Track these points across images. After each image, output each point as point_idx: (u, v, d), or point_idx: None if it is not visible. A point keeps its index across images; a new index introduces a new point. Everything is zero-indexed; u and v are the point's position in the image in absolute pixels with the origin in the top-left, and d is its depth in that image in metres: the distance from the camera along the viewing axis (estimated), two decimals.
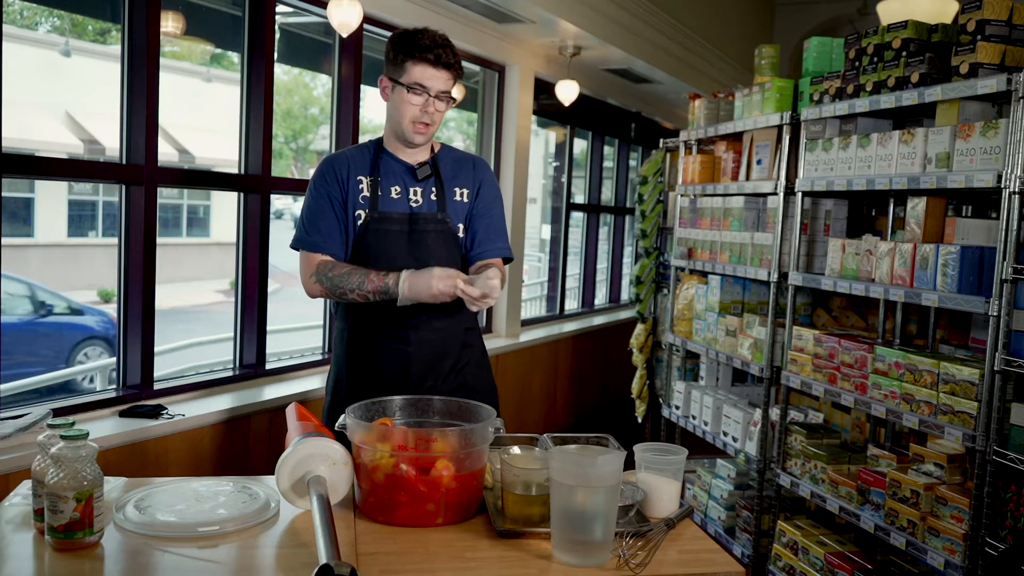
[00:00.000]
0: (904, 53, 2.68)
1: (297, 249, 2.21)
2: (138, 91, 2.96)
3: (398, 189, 2.19)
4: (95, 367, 5.34)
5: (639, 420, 5.15)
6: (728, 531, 3.63)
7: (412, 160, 2.21)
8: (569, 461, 1.50)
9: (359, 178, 2.18)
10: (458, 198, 2.23)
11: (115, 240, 3.06)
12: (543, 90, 5.73)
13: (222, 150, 10.50)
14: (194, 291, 11.47)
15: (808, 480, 3.01)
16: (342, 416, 1.70)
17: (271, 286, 3.72)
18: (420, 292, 2.02)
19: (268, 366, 3.64)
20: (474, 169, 2.28)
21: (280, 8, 3.61)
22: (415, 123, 2.12)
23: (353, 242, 2.18)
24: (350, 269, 2.12)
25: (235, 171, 3.55)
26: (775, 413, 3.24)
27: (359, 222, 2.16)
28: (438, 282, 1.99)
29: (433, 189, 2.21)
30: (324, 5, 3.59)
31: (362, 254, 2.16)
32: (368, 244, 2.15)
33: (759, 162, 3.52)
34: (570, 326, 6.18)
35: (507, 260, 2.29)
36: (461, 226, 2.23)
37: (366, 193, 2.17)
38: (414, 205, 2.19)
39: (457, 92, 2.22)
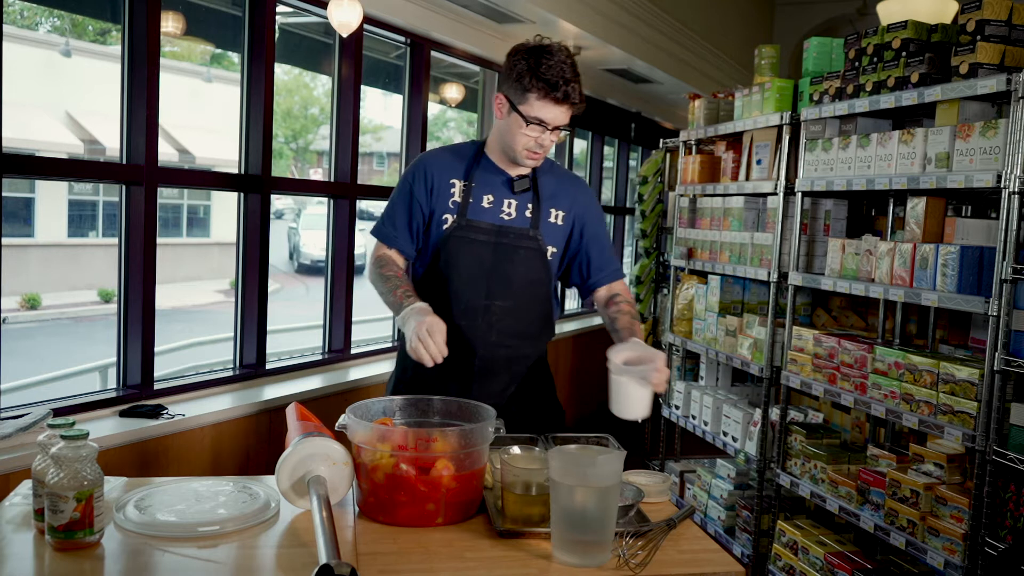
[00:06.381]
0: (904, 53, 2.68)
1: (373, 236, 2.19)
2: (138, 91, 2.97)
3: (491, 199, 2.11)
4: (95, 367, 5.34)
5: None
6: (728, 531, 3.63)
7: (512, 171, 2.13)
8: (569, 461, 1.50)
9: (452, 182, 2.11)
10: (552, 219, 2.15)
11: (115, 240, 3.06)
12: None
13: (222, 150, 10.50)
14: (194, 291, 11.47)
15: (808, 480, 3.01)
16: (342, 416, 1.71)
17: (271, 286, 3.73)
18: (406, 331, 1.90)
19: (268, 366, 3.64)
20: (575, 192, 2.20)
21: (280, 8, 3.61)
22: (528, 151, 2.04)
23: (436, 247, 2.11)
24: (391, 276, 2.06)
25: (235, 171, 3.55)
26: (775, 413, 3.24)
27: (444, 226, 2.09)
28: (420, 328, 1.84)
29: (529, 205, 2.13)
30: (324, 5, 3.59)
31: (443, 260, 2.09)
32: (450, 251, 2.08)
33: (759, 162, 3.52)
34: (570, 326, 6.18)
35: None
36: (551, 248, 2.14)
37: (457, 199, 2.10)
38: (505, 218, 2.11)
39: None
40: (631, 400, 1.76)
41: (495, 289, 2.09)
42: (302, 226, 14.31)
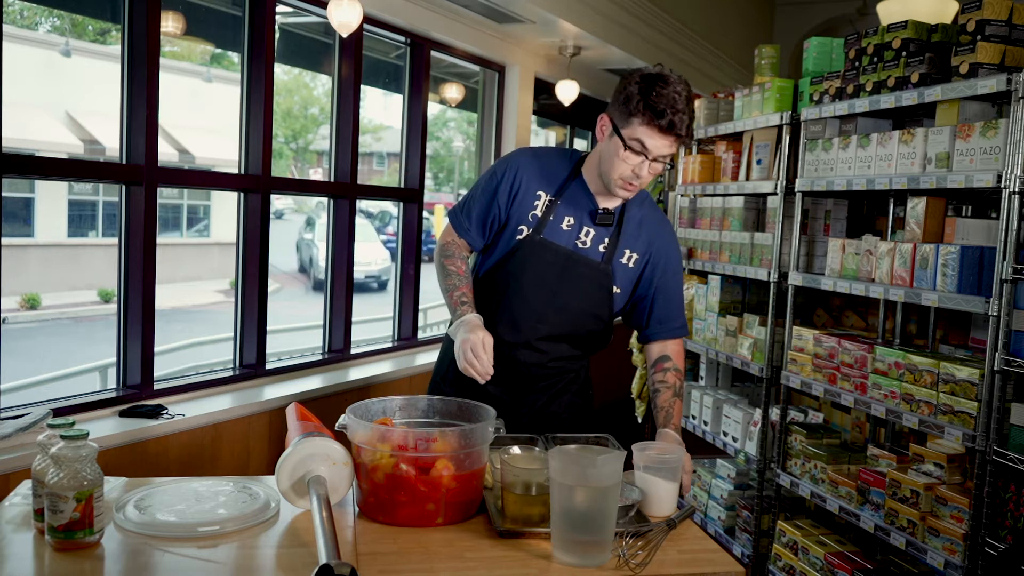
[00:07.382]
0: (904, 53, 2.68)
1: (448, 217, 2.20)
2: (138, 91, 2.96)
3: (571, 221, 2.06)
4: (95, 367, 5.34)
5: (639, 420, 5.15)
6: (728, 531, 3.63)
7: (602, 201, 2.07)
8: (569, 461, 1.50)
9: (538, 193, 2.07)
10: (624, 260, 2.09)
11: (115, 240, 3.06)
12: (543, 90, 5.73)
13: (222, 150, 10.49)
14: (194, 291, 11.47)
15: (808, 480, 3.01)
16: (342, 416, 1.71)
17: (271, 286, 3.72)
18: (455, 341, 1.95)
19: (268, 366, 3.64)
20: (656, 236, 2.12)
21: (280, 8, 3.61)
22: (623, 180, 1.97)
23: (504, 253, 2.09)
24: (453, 271, 2.08)
25: (235, 171, 3.55)
26: (775, 413, 3.24)
27: (518, 237, 2.06)
28: (464, 346, 1.90)
29: (606, 239, 2.07)
30: (324, 5, 3.59)
31: (507, 269, 2.07)
32: (516, 264, 2.06)
33: (759, 162, 3.52)
34: None
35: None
36: (616, 288, 2.08)
37: (538, 213, 2.06)
38: (580, 245, 2.06)
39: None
40: (659, 497, 1.75)
41: (550, 313, 2.07)
42: (317, 237, 13.29)
